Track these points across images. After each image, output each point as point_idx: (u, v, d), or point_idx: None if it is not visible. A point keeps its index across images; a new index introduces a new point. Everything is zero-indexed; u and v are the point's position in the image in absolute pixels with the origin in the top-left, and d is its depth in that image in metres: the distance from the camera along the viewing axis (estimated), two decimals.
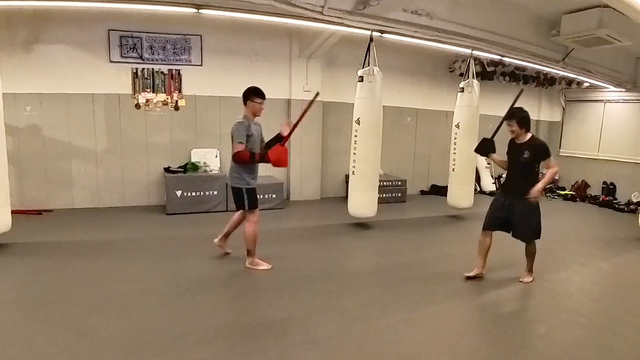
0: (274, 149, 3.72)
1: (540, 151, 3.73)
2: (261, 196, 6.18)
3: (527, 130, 3.85)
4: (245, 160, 3.69)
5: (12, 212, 4.26)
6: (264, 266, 3.97)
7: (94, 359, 2.44)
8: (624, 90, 8.12)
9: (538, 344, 2.83)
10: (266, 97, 6.73)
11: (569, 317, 3.23)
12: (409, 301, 3.43)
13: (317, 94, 4.08)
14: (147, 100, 6.09)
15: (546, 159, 3.72)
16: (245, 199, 3.83)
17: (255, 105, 3.87)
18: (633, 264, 4.76)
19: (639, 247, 5.32)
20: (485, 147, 4.10)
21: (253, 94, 3.86)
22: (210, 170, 6.29)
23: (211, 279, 3.77)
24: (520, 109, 3.93)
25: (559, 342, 2.84)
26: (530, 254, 3.86)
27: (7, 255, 4.07)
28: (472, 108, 5.99)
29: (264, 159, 3.72)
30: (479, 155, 4.48)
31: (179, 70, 6.17)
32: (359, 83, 5.11)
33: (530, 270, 3.92)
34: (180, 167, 6.22)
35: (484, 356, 2.69)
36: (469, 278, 3.88)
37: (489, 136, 4.15)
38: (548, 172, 3.75)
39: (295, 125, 3.90)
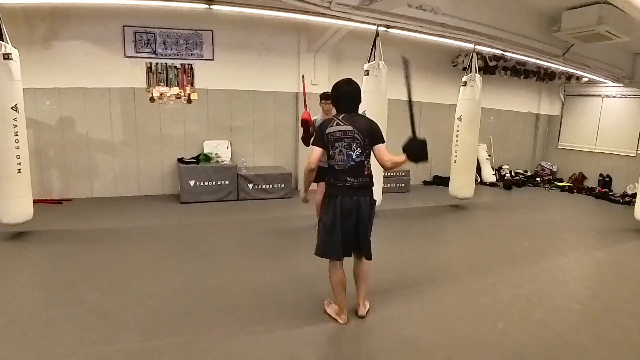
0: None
1: None
2: (270, 186, 6.47)
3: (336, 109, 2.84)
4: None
5: (34, 201, 4.37)
6: None
7: (112, 339, 2.56)
8: (622, 85, 8.21)
9: (534, 328, 2.89)
10: (275, 90, 6.92)
11: (564, 304, 3.31)
12: (410, 289, 3.49)
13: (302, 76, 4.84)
14: (161, 94, 6.23)
15: None
16: None
17: (321, 106, 4.62)
18: (627, 253, 4.82)
19: (633, 237, 5.37)
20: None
21: (320, 98, 4.64)
22: (222, 161, 6.43)
23: (223, 264, 3.89)
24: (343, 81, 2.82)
25: (554, 327, 2.92)
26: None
27: (30, 242, 4.22)
28: (474, 102, 6.04)
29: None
30: (479, 148, 4.46)
31: (191, 64, 6.29)
32: (365, 77, 5.14)
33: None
34: (193, 158, 6.37)
35: (481, 340, 2.74)
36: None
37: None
38: None
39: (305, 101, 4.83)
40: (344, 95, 2.77)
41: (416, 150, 2.72)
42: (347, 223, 2.68)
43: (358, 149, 2.67)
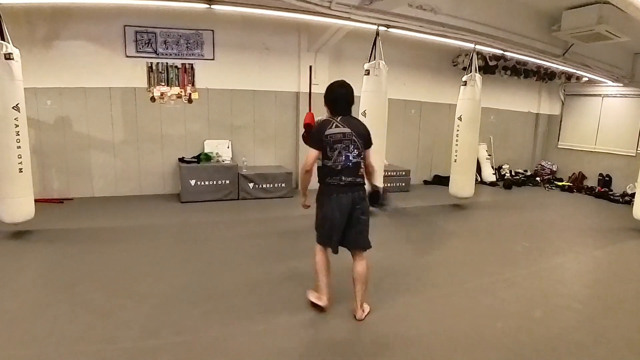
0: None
1: None
2: (271, 185, 6.48)
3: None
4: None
5: (35, 200, 4.39)
6: None
7: (115, 338, 2.58)
8: (622, 85, 8.25)
9: (534, 327, 2.92)
10: (275, 90, 6.94)
11: (564, 303, 3.33)
12: (410, 288, 3.53)
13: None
14: (162, 94, 6.24)
15: None
16: None
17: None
18: (626, 252, 4.85)
19: (632, 236, 5.40)
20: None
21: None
22: (223, 161, 6.45)
23: (224, 263, 3.90)
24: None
25: (554, 326, 2.94)
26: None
27: (32, 242, 4.23)
28: (475, 101, 6.05)
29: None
30: (480, 147, 4.43)
31: (192, 64, 6.30)
32: (365, 76, 5.19)
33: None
34: (194, 157, 6.39)
35: (481, 339, 2.76)
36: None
37: None
38: None
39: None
40: (339, 97, 2.83)
41: (374, 198, 2.99)
42: (342, 217, 2.79)
43: (355, 150, 2.77)
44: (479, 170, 8.49)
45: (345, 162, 2.75)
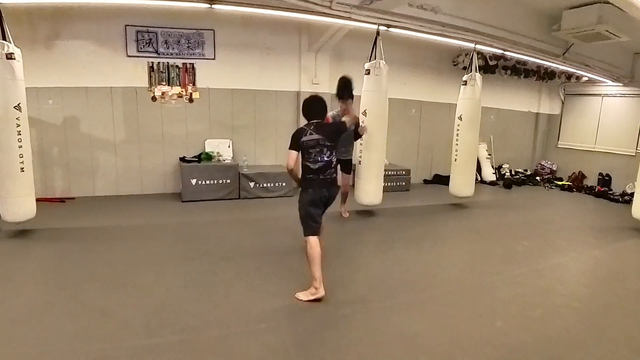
0: None
1: None
2: (271, 184, 6.50)
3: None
4: None
5: (37, 199, 4.42)
6: (345, 214, 5.58)
7: (115, 337, 2.59)
8: (622, 84, 8.26)
9: (533, 326, 2.93)
10: (276, 90, 6.92)
11: (563, 302, 3.35)
12: (410, 286, 3.55)
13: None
14: (163, 93, 6.24)
15: None
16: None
17: (339, 105, 4.93)
18: (625, 252, 4.87)
19: (632, 236, 5.41)
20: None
21: (338, 98, 4.89)
22: (224, 160, 6.46)
23: (224, 262, 3.91)
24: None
25: (553, 325, 2.96)
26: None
27: (33, 240, 4.25)
28: (475, 101, 6.07)
29: None
30: (480, 147, 4.53)
31: (193, 64, 6.31)
32: (365, 76, 5.20)
33: None
34: (195, 156, 6.40)
35: (481, 338, 2.78)
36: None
37: None
38: None
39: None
40: (314, 109, 3.43)
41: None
42: (320, 204, 3.33)
43: (328, 152, 3.31)
44: (479, 169, 8.50)
45: (321, 162, 3.29)
